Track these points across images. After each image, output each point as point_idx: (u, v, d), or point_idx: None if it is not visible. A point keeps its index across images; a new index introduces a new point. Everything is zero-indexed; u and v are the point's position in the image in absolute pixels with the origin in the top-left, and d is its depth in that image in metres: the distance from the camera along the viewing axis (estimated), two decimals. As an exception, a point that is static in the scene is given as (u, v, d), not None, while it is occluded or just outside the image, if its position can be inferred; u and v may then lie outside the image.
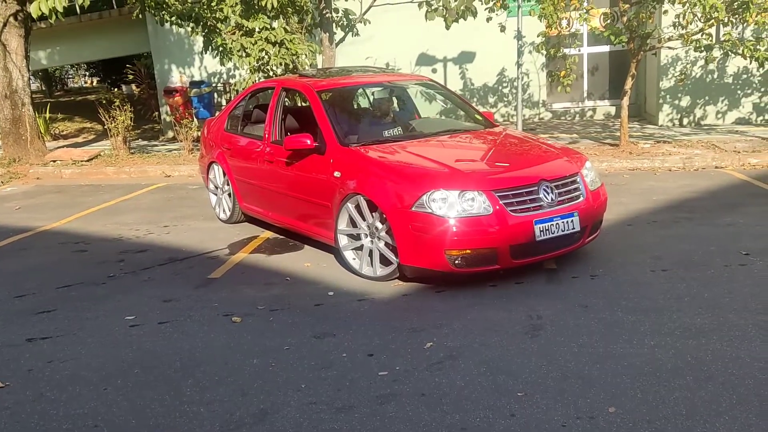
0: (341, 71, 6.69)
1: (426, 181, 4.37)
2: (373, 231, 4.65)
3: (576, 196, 4.62)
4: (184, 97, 13.45)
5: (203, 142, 7.15)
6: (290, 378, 3.31)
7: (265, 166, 5.80)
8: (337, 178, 4.86)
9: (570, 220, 4.48)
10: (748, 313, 3.80)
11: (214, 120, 7.16)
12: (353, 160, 4.86)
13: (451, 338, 3.69)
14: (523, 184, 4.45)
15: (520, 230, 4.29)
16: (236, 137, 6.40)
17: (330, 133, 5.12)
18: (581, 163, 4.92)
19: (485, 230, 4.23)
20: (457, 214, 4.22)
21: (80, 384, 3.39)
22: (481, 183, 4.36)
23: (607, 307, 4.00)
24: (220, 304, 4.40)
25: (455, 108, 6.72)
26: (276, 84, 6.19)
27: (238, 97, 6.78)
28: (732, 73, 11.52)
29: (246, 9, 9.22)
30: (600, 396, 2.97)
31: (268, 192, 5.81)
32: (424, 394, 3.08)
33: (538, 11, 8.24)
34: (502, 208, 4.28)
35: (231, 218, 6.55)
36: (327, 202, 4.98)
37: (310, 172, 5.20)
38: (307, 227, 5.42)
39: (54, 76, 27.89)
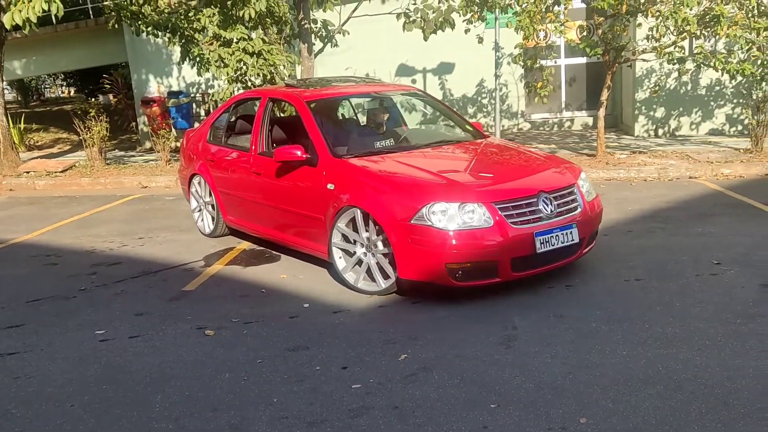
0: (328, 81, 6.59)
1: (425, 194, 4.30)
2: (369, 245, 4.54)
3: (573, 208, 4.60)
4: (161, 107, 13.35)
5: (183, 154, 6.99)
6: (262, 392, 3.27)
7: (251, 179, 5.64)
8: (331, 190, 4.75)
9: (569, 232, 4.45)
10: (719, 323, 3.84)
11: (194, 131, 7.00)
12: (347, 172, 4.76)
13: (425, 350, 3.68)
14: (523, 195, 4.40)
15: (521, 242, 4.23)
16: (220, 148, 6.25)
17: (322, 144, 5.01)
18: (577, 174, 4.90)
19: (486, 243, 4.17)
20: (458, 226, 4.15)
21: (46, 401, 3.31)
22: (481, 195, 4.30)
23: (581, 317, 4.02)
24: (193, 317, 4.35)
25: (444, 118, 6.66)
26: (262, 94, 6.07)
27: (220, 107, 6.64)
28: (705, 85, 11.72)
29: (224, 20, 9.20)
30: (572, 407, 2.97)
31: (255, 205, 5.67)
32: (397, 406, 3.06)
33: (515, 23, 8.32)
34: (503, 220, 4.22)
35: (215, 232, 6.36)
36: (319, 215, 4.87)
37: (301, 184, 5.08)
38: (297, 240, 5.30)
39: (30, 86, 27.50)
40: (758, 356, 3.38)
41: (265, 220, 5.62)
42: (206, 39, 9.34)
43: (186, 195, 6.92)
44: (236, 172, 5.91)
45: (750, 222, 6.08)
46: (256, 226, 5.80)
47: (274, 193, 5.38)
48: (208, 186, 6.32)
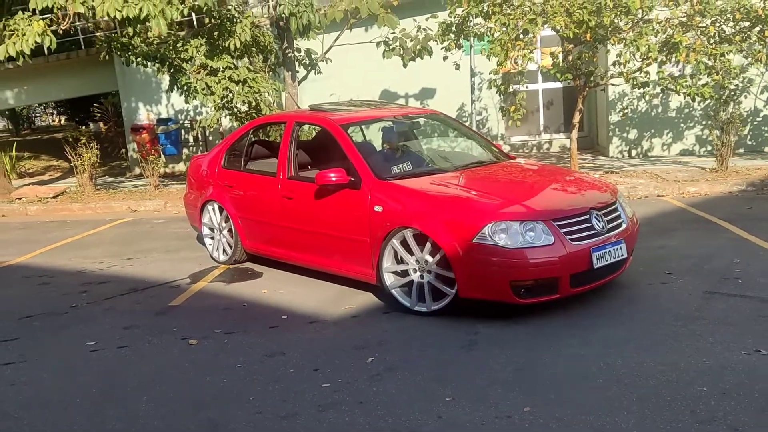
0: (352, 105, 6.51)
1: (487, 213, 4.34)
2: (423, 265, 4.53)
3: (619, 224, 4.71)
4: (151, 134, 13.69)
5: (192, 180, 6.83)
6: (240, 392, 3.57)
7: (281, 203, 5.54)
8: (378, 212, 4.72)
9: (619, 247, 4.55)
10: (663, 325, 4.19)
11: (204, 157, 6.89)
12: (397, 193, 4.75)
13: (392, 353, 3.99)
14: (577, 212, 4.49)
15: (580, 258, 4.30)
16: (239, 174, 6.13)
17: (364, 167, 4.96)
18: (615, 192, 5.03)
19: (548, 259, 4.22)
20: (521, 244, 4.19)
21: (43, 404, 3.60)
22: (540, 213, 4.38)
23: (540, 323, 4.34)
24: (178, 329, 4.64)
25: (469, 140, 6.52)
26: (287, 118, 6.05)
27: (236, 133, 6.55)
28: (675, 108, 12.22)
29: (210, 50, 9.63)
30: (519, 398, 3.30)
31: (283, 230, 5.57)
32: (362, 401, 3.37)
33: (487, 51, 8.78)
34: (563, 237, 4.29)
35: (231, 258, 6.22)
36: (364, 237, 4.83)
37: (342, 207, 5.01)
38: (336, 264, 5.22)
39: (20, 114, 27.81)
40: (691, 353, 3.72)
41: (296, 244, 5.52)
42: (193, 68, 9.74)
43: (195, 222, 6.76)
44: (261, 197, 5.80)
45: (706, 236, 6.46)
46: (284, 251, 5.69)
47: (310, 217, 5.30)
48: (225, 212, 6.16)
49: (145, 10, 7.67)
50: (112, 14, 7.66)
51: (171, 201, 10.22)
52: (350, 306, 4.92)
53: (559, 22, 8.04)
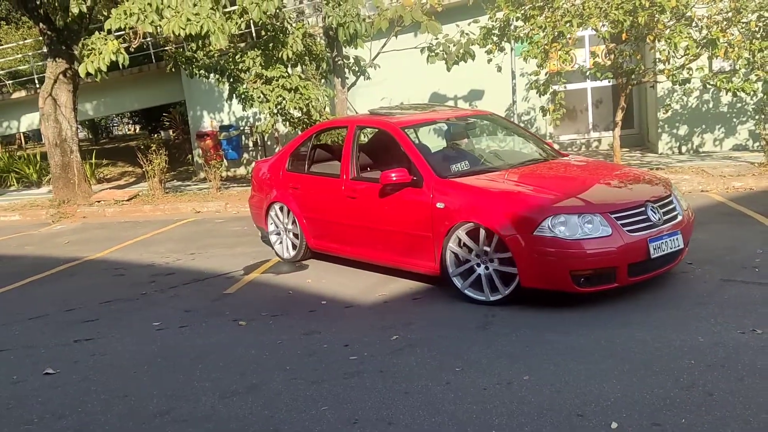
0: (407, 108, 6.83)
1: (546, 207, 4.56)
2: (484, 257, 4.78)
3: (675, 216, 4.87)
4: (214, 140, 14.64)
5: (257, 184, 7.19)
6: (279, 363, 4.13)
7: (345, 203, 5.85)
8: (441, 209, 4.98)
9: (675, 238, 4.74)
10: (672, 309, 4.46)
11: (269, 161, 7.22)
12: (457, 190, 5.02)
13: (415, 332, 4.45)
14: (633, 205, 4.68)
15: (637, 249, 4.49)
16: (304, 176, 6.45)
17: (425, 166, 5.25)
18: (669, 185, 5.21)
19: (607, 250, 4.41)
20: (580, 236, 4.41)
21: (115, 370, 4.28)
22: (597, 206, 4.58)
23: (555, 307, 4.67)
24: (230, 312, 5.26)
25: (522, 139, 6.72)
26: (349, 123, 6.36)
27: (299, 138, 6.91)
28: (727, 103, 12.07)
29: (266, 60, 10.34)
30: (521, 369, 3.69)
31: (347, 228, 5.89)
32: (382, 371, 3.85)
33: (522, 54, 9.08)
34: (620, 228, 4.48)
35: (297, 256, 6.57)
36: (426, 233, 5.09)
37: (404, 205, 5.28)
38: (398, 259, 5.49)
39: (99, 124, 29.80)
40: (690, 333, 4.00)
41: (359, 241, 5.81)
42: (250, 78, 10.48)
43: (261, 222, 7.07)
44: (325, 197, 6.10)
45: (737, 228, 6.58)
46: (348, 248, 6.00)
47: (373, 215, 5.59)
48: (290, 213, 6.50)
49: (206, 26, 8.42)
50: (176, 32, 8.45)
51: (231, 202, 11.01)
52: (384, 293, 5.40)
53: (594, 23, 8.26)
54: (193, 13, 8.36)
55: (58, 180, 12.29)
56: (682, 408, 3.10)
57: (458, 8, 12.00)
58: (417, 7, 10.34)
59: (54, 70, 11.82)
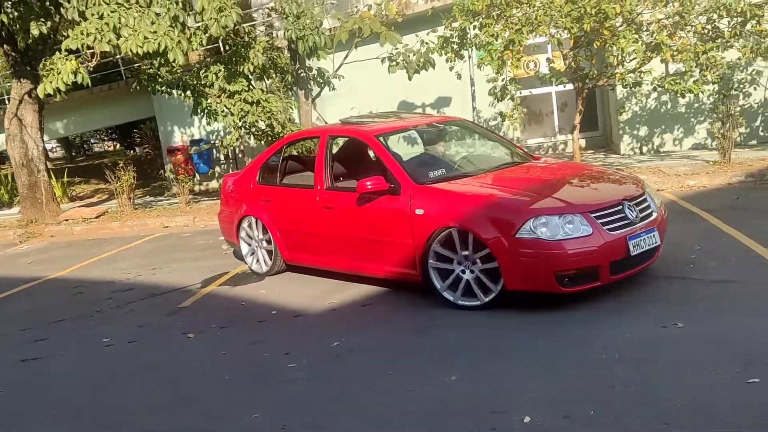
0: (379, 116, 6.81)
1: (527, 209, 4.59)
2: (468, 262, 4.75)
3: (650, 213, 4.93)
4: (185, 154, 14.68)
5: (227, 198, 7.09)
6: (220, 373, 4.22)
7: (320, 213, 5.79)
8: (420, 215, 4.96)
9: (652, 235, 4.80)
10: (603, 305, 4.60)
11: (238, 175, 7.15)
12: (436, 196, 5.01)
13: (357, 338, 4.57)
14: (611, 204, 4.72)
15: (617, 247, 4.54)
16: (276, 188, 6.39)
17: (402, 173, 5.23)
18: (642, 183, 5.27)
19: (589, 249, 4.45)
20: (562, 236, 4.43)
21: (56, 388, 4.36)
22: (577, 206, 4.63)
23: (494, 310, 4.76)
24: (182, 326, 5.34)
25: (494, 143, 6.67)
26: (320, 133, 6.31)
27: (269, 150, 6.81)
28: (684, 103, 12.35)
29: (228, 74, 10.44)
30: (449, 370, 3.81)
31: (324, 238, 5.82)
32: (317, 377, 3.97)
33: (477, 61, 9.28)
34: (600, 228, 4.53)
35: (272, 269, 6.46)
36: (406, 240, 5.06)
37: (382, 213, 5.25)
38: (378, 267, 5.44)
39: (74, 143, 29.69)
40: (615, 327, 4.15)
41: (337, 251, 5.75)
42: (214, 92, 10.57)
43: (232, 237, 6.94)
44: (299, 209, 6.05)
45: (681, 226, 6.72)
46: (325, 259, 5.93)
47: (351, 224, 5.55)
48: (263, 226, 6.41)
49: (164, 44, 8.51)
50: (134, 50, 8.54)
51: (199, 216, 11.07)
52: (334, 301, 5.51)
53: (544, 30, 8.47)
54: (151, 31, 8.46)
55: (26, 200, 12.28)
56: (591, 400, 3.24)
57: (419, 19, 12.19)
58: (376, 18, 10.53)
59: (19, 90, 11.84)
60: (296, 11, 9.92)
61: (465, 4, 9.27)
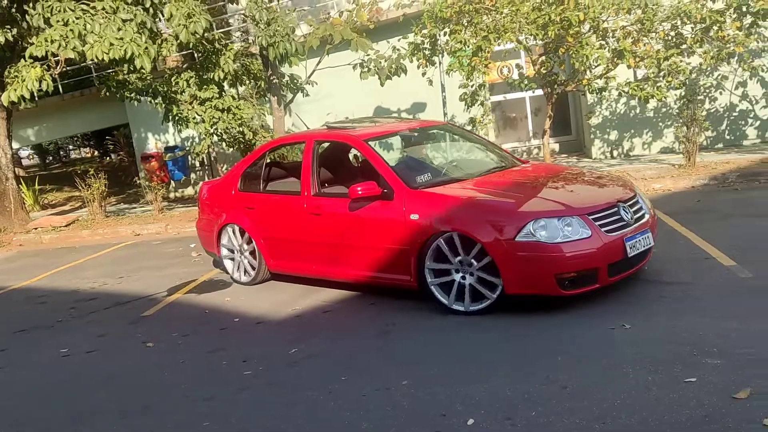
0: (363, 121, 6.74)
1: (526, 212, 4.56)
2: (466, 267, 4.69)
3: (643, 215, 4.94)
4: (159, 161, 14.61)
5: (206, 207, 6.87)
6: (176, 382, 4.22)
7: (309, 220, 5.65)
8: (415, 220, 4.88)
9: (647, 236, 4.83)
10: (558, 306, 4.67)
11: (217, 182, 7.01)
12: (431, 201, 4.93)
13: (316, 344, 4.58)
14: (607, 206, 4.71)
15: (616, 248, 4.54)
16: (260, 195, 6.21)
17: (395, 178, 5.14)
18: (632, 186, 5.28)
19: (589, 251, 4.43)
20: (562, 238, 4.40)
21: (17, 396, 4.30)
22: (575, 208, 4.60)
23: (454, 313, 4.81)
24: (142, 335, 5.31)
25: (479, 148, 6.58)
26: (306, 138, 6.13)
27: (251, 156, 6.64)
28: (653, 108, 12.56)
29: (200, 81, 10.41)
30: (403, 374, 3.84)
31: (313, 246, 5.67)
32: (273, 384, 3.98)
33: (447, 68, 9.37)
34: (598, 230, 4.51)
35: (256, 278, 6.27)
36: (401, 246, 4.97)
37: (375, 219, 5.15)
38: (370, 274, 5.31)
39: (48, 149, 29.34)
40: (572, 330, 4.22)
41: (326, 259, 5.61)
42: (186, 99, 10.54)
43: (212, 247, 6.71)
44: (285, 216, 5.90)
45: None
46: (313, 267, 5.78)
47: (341, 231, 5.43)
48: (246, 234, 6.23)
49: (130, 50, 8.47)
50: (100, 57, 8.49)
51: (172, 223, 11.00)
52: (297, 307, 5.52)
53: (510, 37, 8.58)
54: (117, 38, 8.41)
55: (-6, 209, 12.11)
56: (536, 402, 3.29)
57: (391, 25, 12.26)
58: (347, 25, 10.57)
59: (-16, 98, 11.68)
60: (267, 18, 9.92)
61: (434, 11, 9.37)
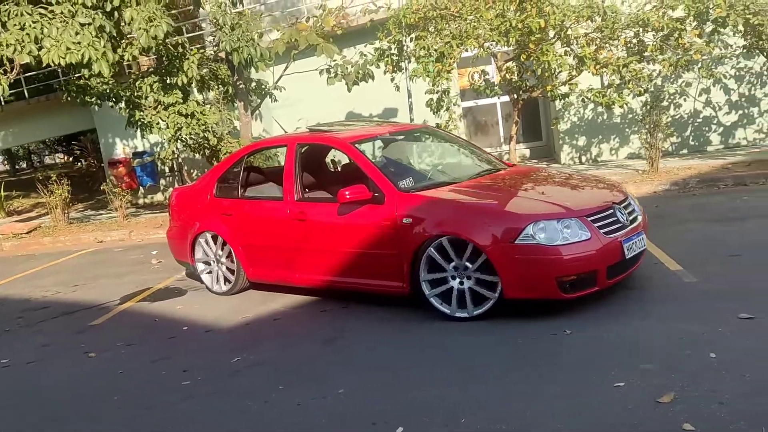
0: (346, 124, 6.55)
1: (526, 214, 4.46)
2: (461, 272, 4.57)
3: (636, 217, 4.89)
4: (127, 167, 14.40)
5: (177, 214, 6.60)
6: (113, 393, 4.12)
7: (293, 226, 5.44)
8: (407, 224, 4.73)
9: (641, 238, 4.77)
10: (510, 308, 4.65)
11: (189, 188, 6.81)
12: (426, 204, 4.80)
13: (261, 353, 4.52)
14: (604, 208, 4.65)
15: (614, 250, 4.47)
16: (238, 201, 5.96)
17: (385, 181, 5.00)
18: (622, 188, 5.25)
19: (589, 253, 4.35)
20: (561, 241, 4.32)
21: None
22: (573, 211, 4.52)
23: (399, 315, 4.86)
24: (86, 345, 5.19)
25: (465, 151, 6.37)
26: (287, 141, 5.90)
27: (227, 161, 6.38)
28: (619, 114, 12.69)
29: (163, 86, 10.28)
30: (341, 382, 3.79)
31: (297, 252, 5.47)
32: (211, 394, 3.91)
33: (411, 74, 9.37)
34: (597, 232, 4.44)
35: (234, 288, 6.01)
36: (392, 251, 4.81)
37: (364, 223, 4.99)
38: (359, 281, 5.15)
39: (18, 155, 28.85)
40: (517, 332, 4.19)
41: (311, 266, 5.42)
42: (150, 104, 10.39)
43: (184, 256, 6.41)
44: (267, 222, 5.69)
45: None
46: (297, 275, 5.56)
47: (329, 236, 5.26)
48: (223, 242, 5.99)
49: (87, 55, 8.34)
50: (56, 61, 8.34)
51: (136, 230, 10.85)
52: (248, 315, 5.44)
53: (472, 43, 8.60)
54: (74, 42, 8.28)
55: (-46, 215, 11.84)
56: (464, 409, 3.27)
57: (360, 31, 12.25)
58: (313, 30, 10.53)
59: (-56, 103, 11.45)
60: (231, 23, 9.84)
61: (399, 17, 9.37)
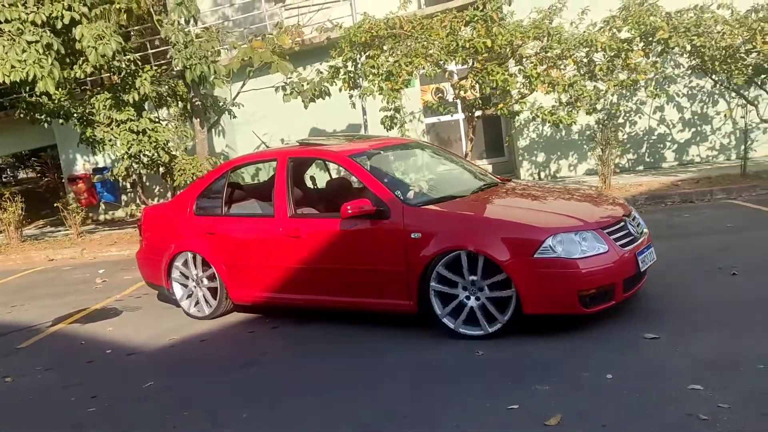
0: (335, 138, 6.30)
1: (545, 227, 4.32)
2: (473, 288, 4.41)
3: (643, 230, 4.83)
4: (87, 183, 14.26)
5: (150, 234, 6.23)
6: (15, 419, 4.04)
7: (286, 243, 5.17)
8: (416, 239, 4.53)
9: (651, 251, 4.73)
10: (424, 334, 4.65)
11: (163, 206, 6.45)
12: (436, 218, 4.64)
13: (176, 376, 4.50)
14: (617, 220, 4.58)
15: (630, 263, 4.41)
16: (222, 219, 5.67)
17: (389, 195, 4.79)
18: (623, 202, 5.16)
19: (607, 266, 4.25)
20: (581, 254, 4.21)
21: None
22: (590, 223, 4.42)
23: (337, 335, 4.86)
24: (5, 369, 5.07)
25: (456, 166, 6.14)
26: (277, 156, 5.59)
27: (208, 177, 6.08)
28: (577, 131, 12.84)
29: (116, 103, 10.19)
30: (244, 408, 3.74)
31: (291, 271, 5.21)
32: (113, 420, 3.82)
33: (361, 93, 9.42)
34: (614, 244, 4.37)
35: (216, 311, 5.66)
36: (399, 267, 4.62)
37: (367, 239, 4.79)
38: (362, 300, 4.93)
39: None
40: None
41: (307, 285, 5.17)
42: (102, 120, 10.29)
43: (158, 279, 6.05)
44: (256, 240, 5.41)
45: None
46: (290, 295, 5.31)
47: (327, 254, 5.02)
48: (205, 263, 5.66)
49: (32, 73, 8.26)
50: (0, 79, 8.24)
51: (89, 248, 10.70)
52: (175, 337, 5.36)
53: (420, 62, 8.67)
54: (19, 60, 8.20)
55: None
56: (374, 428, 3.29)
57: (317, 49, 12.31)
58: (267, 48, 10.54)
59: None
60: (183, 40, 9.81)
61: (350, 36, 9.42)
